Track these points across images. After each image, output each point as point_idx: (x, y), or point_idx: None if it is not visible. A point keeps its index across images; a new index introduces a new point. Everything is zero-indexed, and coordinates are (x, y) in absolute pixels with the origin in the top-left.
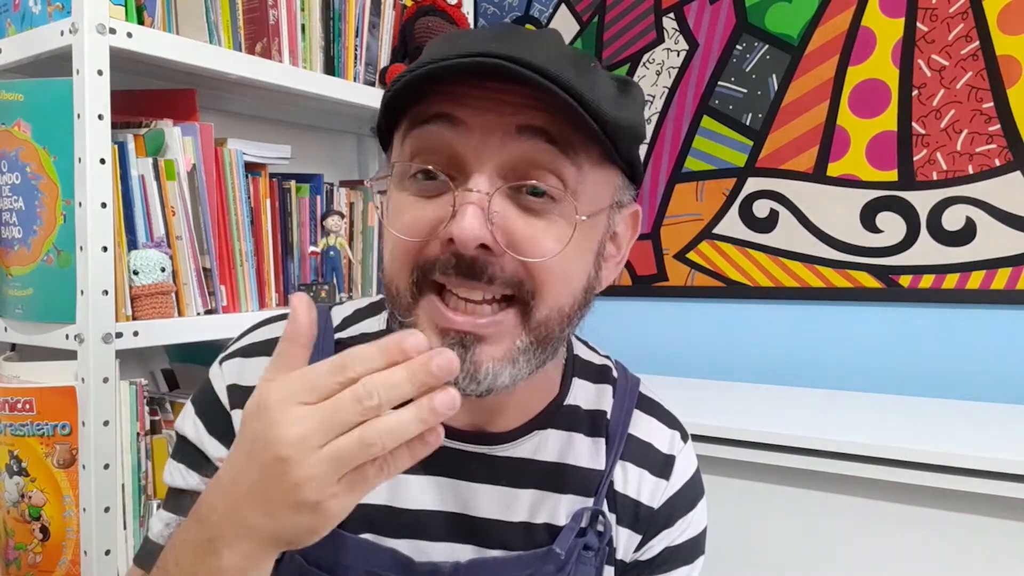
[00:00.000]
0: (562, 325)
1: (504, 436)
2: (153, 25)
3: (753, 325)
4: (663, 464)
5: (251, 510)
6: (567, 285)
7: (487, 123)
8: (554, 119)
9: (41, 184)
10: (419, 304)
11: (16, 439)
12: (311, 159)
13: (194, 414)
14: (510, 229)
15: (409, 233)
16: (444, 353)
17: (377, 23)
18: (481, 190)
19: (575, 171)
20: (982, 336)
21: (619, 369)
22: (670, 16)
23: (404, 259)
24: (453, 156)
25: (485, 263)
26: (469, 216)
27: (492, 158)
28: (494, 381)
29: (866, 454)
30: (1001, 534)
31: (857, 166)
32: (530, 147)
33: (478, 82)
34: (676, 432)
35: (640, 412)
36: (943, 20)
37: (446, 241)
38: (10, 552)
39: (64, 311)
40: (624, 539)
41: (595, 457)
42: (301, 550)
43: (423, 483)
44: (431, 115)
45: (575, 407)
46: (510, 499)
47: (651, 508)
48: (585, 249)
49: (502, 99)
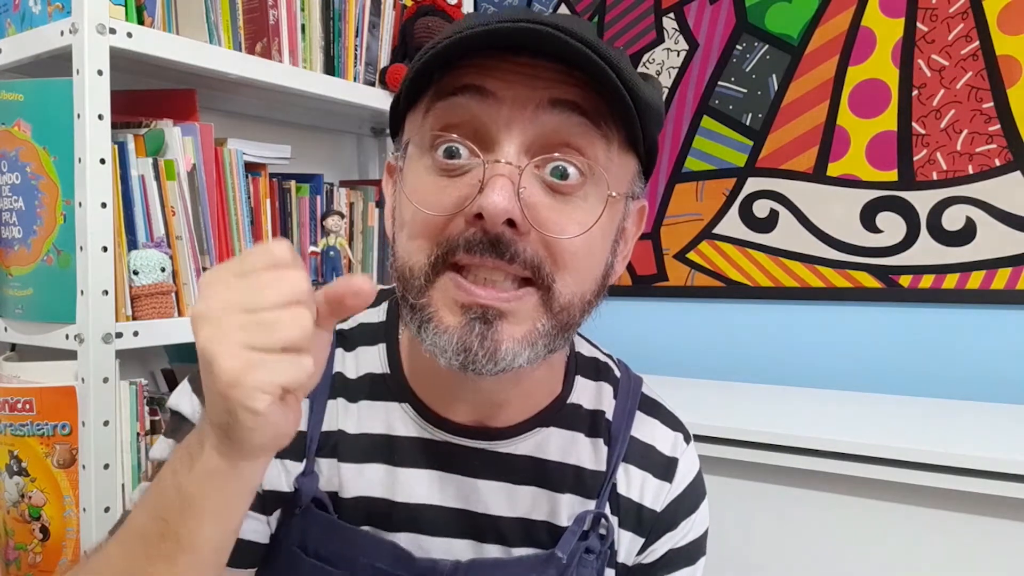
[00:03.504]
0: (583, 310)
1: (506, 432)
2: (153, 25)
3: (753, 325)
4: (666, 467)
5: (205, 395)
6: (590, 269)
7: (519, 95)
8: (587, 94)
9: (41, 184)
10: (435, 284)
11: (16, 439)
12: (311, 159)
13: (191, 391)
14: (536, 206)
15: (433, 207)
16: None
17: (377, 23)
18: (512, 162)
19: (605, 149)
20: (982, 336)
21: (622, 368)
22: (670, 16)
23: (425, 235)
24: (480, 128)
25: (510, 240)
26: (499, 188)
27: (523, 131)
28: (512, 362)
29: (866, 454)
30: (1001, 534)
31: (857, 166)
32: (562, 120)
33: (509, 56)
34: (679, 434)
35: (642, 414)
36: (943, 20)
37: (472, 217)
38: (10, 552)
39: (64, 311)
40: (627, 542)
41: (596, 458)
42: (299, 542)
43: (424, 477)
44: (458, 87)
45: (577, 406)
46: (511, 495)
47: (654, 511)
48: (607, 233)
49: (533, 73)
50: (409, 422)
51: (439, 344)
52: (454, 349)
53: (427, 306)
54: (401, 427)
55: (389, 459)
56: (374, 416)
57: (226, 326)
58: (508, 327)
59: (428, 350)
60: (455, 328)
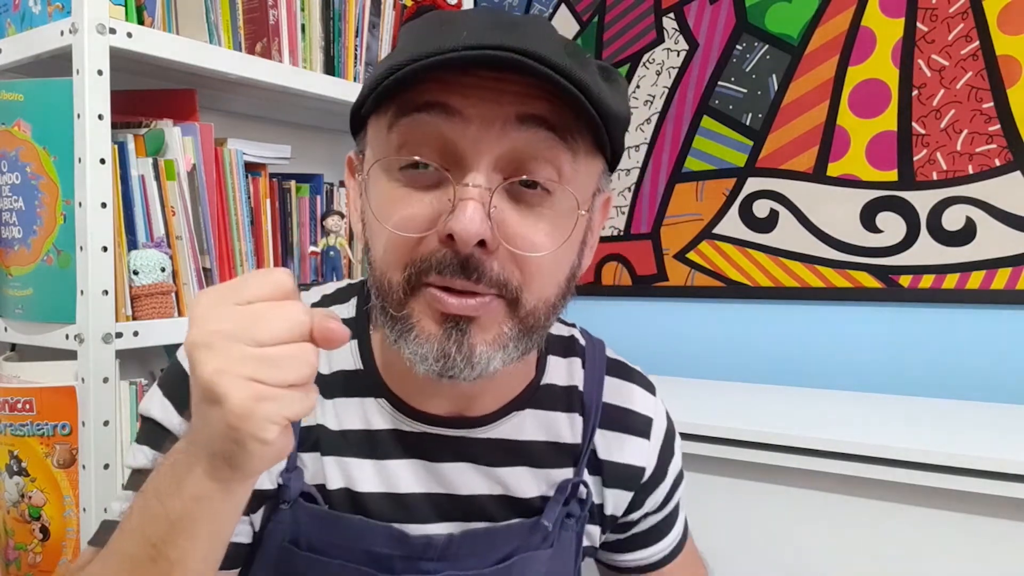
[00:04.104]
0: (548, 314)
1: (482, 420)
2: (153, 25)
3: (753, 325)
4: (643, 424)
5: (194, 417)
6: (554, 277)
7: (486, 113)
8: (554, 108)
9: (41, 184)
10: (414, 297)
11: (16, 439)
12: (311, 159)
13: (162, 396)
14: (506, 223)
15: (405, 228)
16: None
17: (377, 23)
18: (481, 185)
19: (571, 161)
20: (982, 336)
21: (585, 337)
22: (670, 16)
23: (398, 254)
24: (448, 147)
25: (478, 260)
26: (470, 211)
27: (491, 150)
28: (487, 365)
29: (866, 454)
30: (1001, 534)
31: (857, 166)
32: (530, 137)
33: (473, 70)
34: (647, 390)
35: (611, 378)
36: (943, 20)
37: (444, 237)
38: (10, 552)
39: (64, 311)
40: (613, 498)
41: (573, 431)
42: (291, 537)
43: (406, 467)
44: (422, 103)
45: (550, 386)
46: (492, 477)
47: (641, 468)
48: (574, 243)
49: (500, 88)
50: (386, 415)
51: (420, 352)
52: (434, 356)
53: (408, 317)
54: (379, 421)
55: (372, 453)
56: (351, 412)
57: (232, 358)
58: (479, 332)
59: (408, 358)
60: (435, 336)
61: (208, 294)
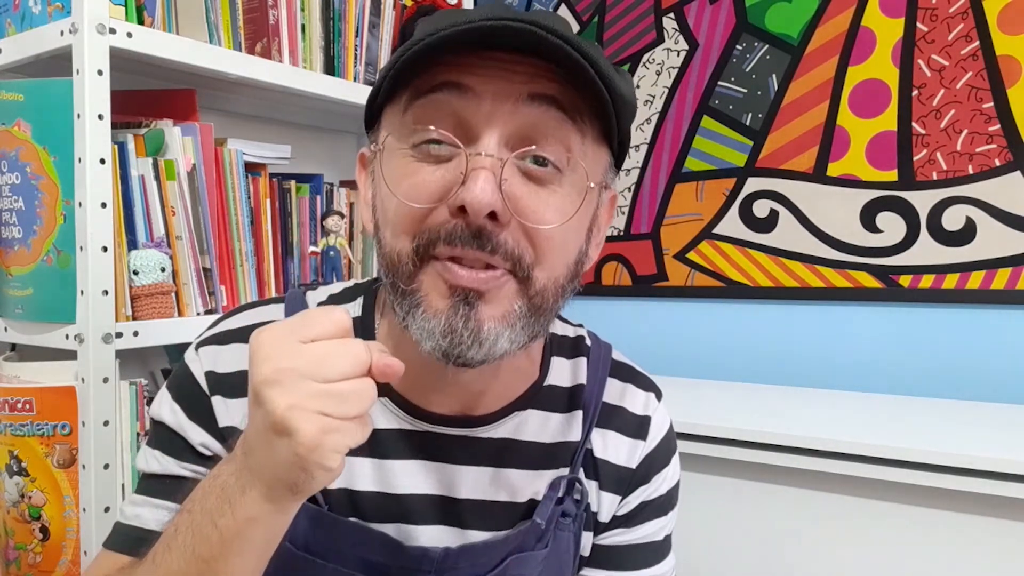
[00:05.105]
0: (556, 295)
1: (485, 419)
2: (153, 25)
3: (753, 325)
4: (639, 425)
5: (253, 446)
6: (564, 255)
7: (498, 90)
8: (564, 88)
9: (41, 184)
10: (423, 269)
11: (16, 439)
12: (311, 159)
13: (171, 399)
14: (517, 196)
15: (415, 198)
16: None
17: (377, 23)
18: (493, 154)
19: (580, 141)
20: (982, 336)
21: (592, 338)
22: (670, 16)
23: (407, 226)
24: (461, 122)
25: (491, 232)
26: (482, 181)
27: (502, 124)
28: (495, 343)
29: (866, 454)
30: (1001, 534)
31: (857, 166)
32: (540, 114)
33: (485, 52)
34: (651, 393)
35: (613, 379)
36: (943, 20)
37: (456, 208)
38: (10, 552)
39: (64, 311)
40: (607, 503)
41: (572, 430)
42: (288, 536)
43: (409, 468)
44: (437, 84)
45: (553, 387)
46: (492, 479)
47: (630, 469)
48: (583, 221)
49: (511, 68)
50: (390, 415)
51: (427, 328)
52: (441, 331)
53: (417, 291)
54: (382, 420)
55: (374, 452)
56: None
57: (302, 394)
58: (487, 308)
59: (415, 335)
60: (443, 311)
61: (270, 331)
